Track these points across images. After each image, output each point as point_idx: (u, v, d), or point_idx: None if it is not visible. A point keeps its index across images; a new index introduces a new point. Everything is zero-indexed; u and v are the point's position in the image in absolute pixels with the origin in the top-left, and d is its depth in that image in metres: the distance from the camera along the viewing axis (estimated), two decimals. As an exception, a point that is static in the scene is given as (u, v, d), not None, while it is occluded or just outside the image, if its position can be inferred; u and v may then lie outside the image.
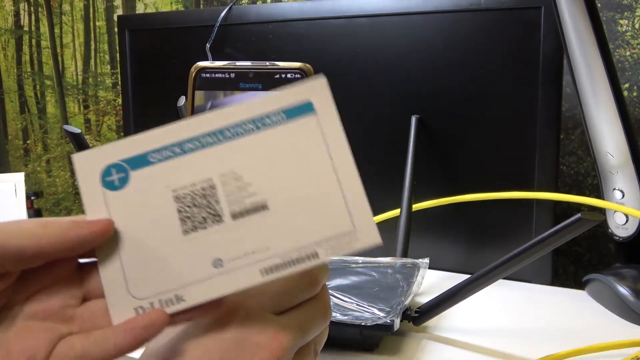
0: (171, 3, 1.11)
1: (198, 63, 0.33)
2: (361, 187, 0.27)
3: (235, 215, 0.27)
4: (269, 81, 0.32)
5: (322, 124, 0.28)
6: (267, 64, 0.33)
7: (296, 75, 0.32)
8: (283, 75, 0.32)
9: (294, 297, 0.29)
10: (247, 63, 0.33)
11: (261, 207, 0.27)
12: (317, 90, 0.28)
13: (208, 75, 0.33)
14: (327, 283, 0.54)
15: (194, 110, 0.33)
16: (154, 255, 0.26)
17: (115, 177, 0.26)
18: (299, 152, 0.27)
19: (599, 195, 0.63)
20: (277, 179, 0.27)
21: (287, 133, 0.27)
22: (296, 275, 0.28)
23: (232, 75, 0.33)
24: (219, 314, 0.27)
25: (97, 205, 0.26)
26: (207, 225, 0.26)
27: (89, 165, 0.27)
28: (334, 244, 0.27)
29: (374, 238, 0.27)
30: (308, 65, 0.33)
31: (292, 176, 0.27)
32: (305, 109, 0.28)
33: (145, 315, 0.25)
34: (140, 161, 0.26)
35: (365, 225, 0.27)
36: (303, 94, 0.28)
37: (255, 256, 0.26)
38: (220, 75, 0.33)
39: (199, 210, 0.26)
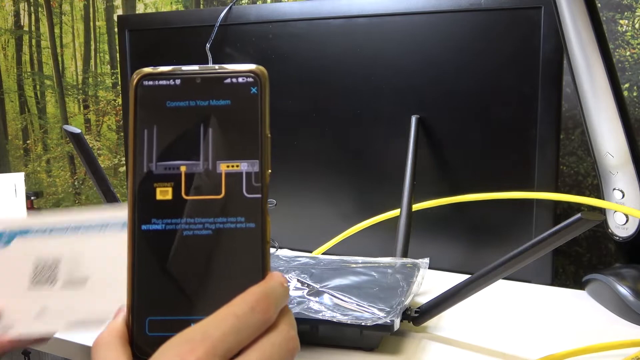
0: (171, 3, 1.11)
1: (140, 69, 0.30)
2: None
3: (65, 283, 0.38)
4: (219, 87, 0.29)
5: None
6: (216, 67, 0.29)
7: (248, 79, 0.29)
8: (234, 80, 0.29)
9: (247, 334, 0.26)
10: (195, 67, 0.30)
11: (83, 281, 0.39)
12: None
13: (151, 82, 0.29)
14: (327, 283, 0.54)
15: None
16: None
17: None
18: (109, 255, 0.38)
19: (599, 195, 0.63)
20: (98, 268, 0.39)
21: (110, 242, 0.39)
22: (246, 306, 0.26)
23: (178, 81, 0.29)
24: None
25: None
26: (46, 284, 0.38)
27: None
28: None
29: None
30: (261, 67, 0.30)
31: (106, 270, 0.38)
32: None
33: None
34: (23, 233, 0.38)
35: None
36: None
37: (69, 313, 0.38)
38: (164, 82, 0.29)
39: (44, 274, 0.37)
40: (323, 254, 0.73)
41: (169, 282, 0.29)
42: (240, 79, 0.29)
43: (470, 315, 0.58)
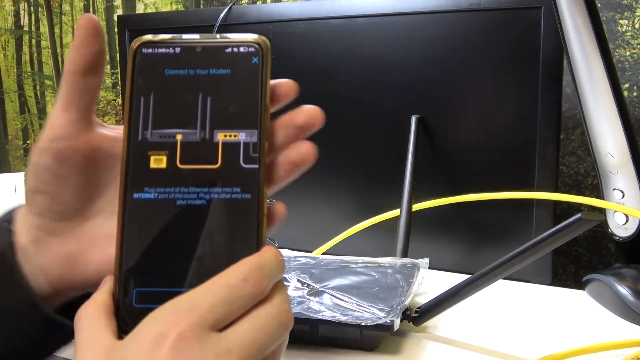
0: (171, 3, 1.11)
1: (140, 37, 0.29)
2: None
3: None
4: (219, 56, 0.28)
5: None
6: (218, 36, 0.29)
7: (250, 49, 0.29)
8: (235, 49, 0.29)
9: (238, 306, 0.25)
10: (195, 36, 0.29)
11: None
12: None
13: (150, 50, 0.29)
14: (327, 283, 0.54)
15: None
16: None
17: None
18: None
19: (599, 195, 0.63)
20: None
21: None
22: (238, 277, 0.25)
23: (178, 49, 0.29)
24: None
25: None
26: None
27: None
28: None
29: None
30: (264, 37, 0.29)
31: None
32: None
33: None
34: None
35: None
36: None
37: None
38: (164, 50, 0.29)
39: None
40: (323, 254, 0.73)
41: (160, 253, 0.27)
42: (241, 49, 0.29)
43: (470, 315, 0.58)
